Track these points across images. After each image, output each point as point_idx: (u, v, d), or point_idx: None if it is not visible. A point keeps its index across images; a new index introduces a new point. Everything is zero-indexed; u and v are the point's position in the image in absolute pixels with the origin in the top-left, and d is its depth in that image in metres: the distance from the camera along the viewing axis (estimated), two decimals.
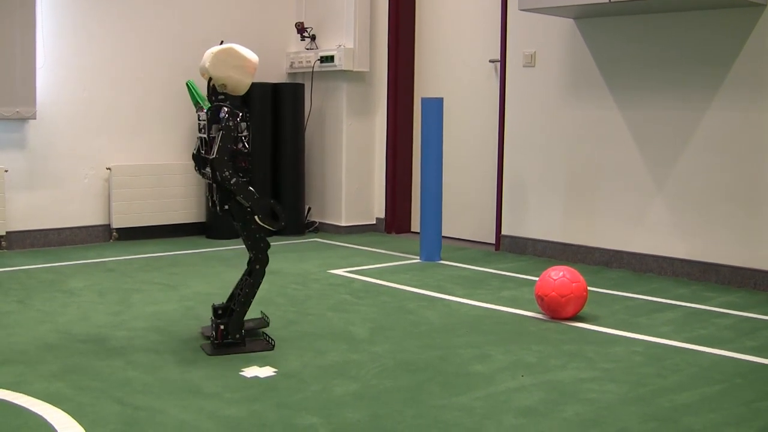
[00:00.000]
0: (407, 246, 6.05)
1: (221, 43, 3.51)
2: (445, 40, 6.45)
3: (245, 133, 3.33)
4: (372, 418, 2.63)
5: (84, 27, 5.86)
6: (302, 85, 6.59)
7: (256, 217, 3.33)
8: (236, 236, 6.30)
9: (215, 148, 3.26)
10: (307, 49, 6.78)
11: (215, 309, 3.48)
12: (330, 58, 6.51)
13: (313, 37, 6.76)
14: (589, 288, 4.27)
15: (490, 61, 6.08)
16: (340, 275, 4.92)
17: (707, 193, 4.83)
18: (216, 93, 3.37)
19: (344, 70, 6.52)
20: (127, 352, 3.32)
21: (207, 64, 3.32)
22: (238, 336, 3.36)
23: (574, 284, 3.85)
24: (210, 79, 3.36)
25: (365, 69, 6.59)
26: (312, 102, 6.79)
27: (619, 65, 5.18)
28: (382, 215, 6.77)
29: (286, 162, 6.50)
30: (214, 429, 2.53)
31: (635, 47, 5.10)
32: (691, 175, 4.89)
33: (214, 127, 3.32)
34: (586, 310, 4.08)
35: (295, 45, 6.92)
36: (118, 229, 6.05)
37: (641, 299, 4.40)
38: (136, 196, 6.07)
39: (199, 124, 3.47)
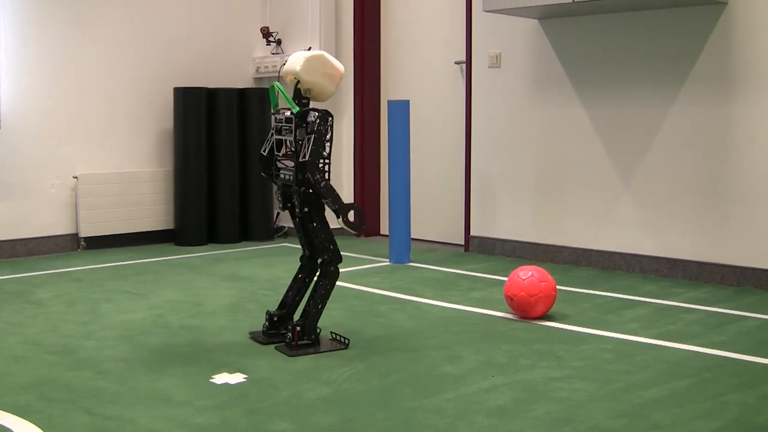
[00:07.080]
0: (376, 249, 6.05)
1: (309, 49, 3.57)
2: (410, 43, 6.46)
3: (329, 136, 3.41)
4: (344, 422, 2.63)
5: (47, 34, 5.81)
6: (268, 90, 6.56)
7: (340, 219, 3.44)
8: (204, 243, 6.28)
9: (307, 152, 3.34)
10: (273, 53, 6.77)
11: (271, 316, 3.56)
12: None
13: (278, 42, 6.75)
14: (558, 287, 4.30)
15: (456, 63, 6.10)
16: None
17: (674, 190, 4.88)
18: (300, 97, 3.49)
19: None
20: (96, 362, 3.30)
21: (298, 68, 3.44)
22: (313, 337, 3.42)
23: (542, 283, 3.87)
24: (297, 83, 3.46)
25: None
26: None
27: (584, 64, 5.23)
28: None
29: (253, 167, 6.48)
30: None
31: (599, 46, 5.15)
32: (658, 173, 4.94)
33: (299, 130, 3.40)
34: (556, 309, 4.11)
35: (261, 50, 6.90)
36: (85, 238, 6.00)
37: (610, 297, 4.44)
38: (103, 204, 6.02)
39: (276, 126, 3.54)
